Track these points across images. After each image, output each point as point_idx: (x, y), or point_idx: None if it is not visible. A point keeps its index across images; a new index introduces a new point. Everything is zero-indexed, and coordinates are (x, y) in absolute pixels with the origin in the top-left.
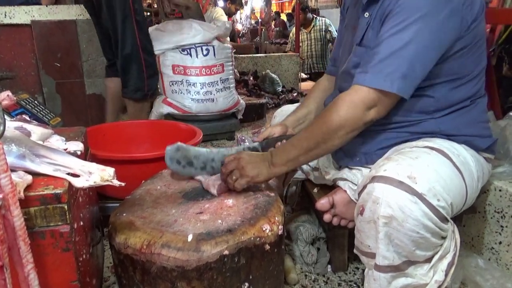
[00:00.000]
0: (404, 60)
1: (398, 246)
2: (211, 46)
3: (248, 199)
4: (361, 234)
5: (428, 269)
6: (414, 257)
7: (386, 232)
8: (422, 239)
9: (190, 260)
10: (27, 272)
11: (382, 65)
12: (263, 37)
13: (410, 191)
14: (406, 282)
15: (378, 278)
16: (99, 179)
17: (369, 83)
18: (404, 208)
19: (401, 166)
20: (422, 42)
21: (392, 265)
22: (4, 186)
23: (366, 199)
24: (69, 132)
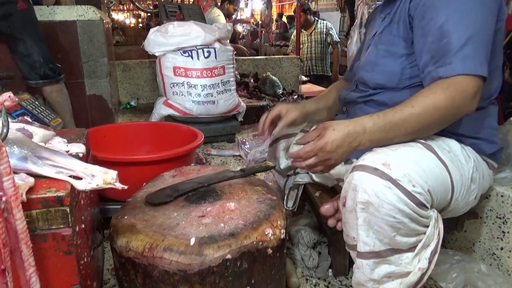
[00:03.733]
0: (481, 43)
1: (378, 232)
2: (213, 48)
3: (250, 203)
4: (346, 226)
5: (412, 257)
6: (396, 244)
7: (364, 218)
8: (400, 224)
9: (193, 264)
10: (29, 276)
11: (465, 51)
12: (263, 39)
13: (384, 176)
14: (389, 270)
15: (361, 265)
16: (101, 182)
17: (462, 70)
18: (379, 193)
19: (378, 155)
20: (485, 24)
21: (374, 251)
22: (7, 188)
23: (347, 189)
24: (70, 134)
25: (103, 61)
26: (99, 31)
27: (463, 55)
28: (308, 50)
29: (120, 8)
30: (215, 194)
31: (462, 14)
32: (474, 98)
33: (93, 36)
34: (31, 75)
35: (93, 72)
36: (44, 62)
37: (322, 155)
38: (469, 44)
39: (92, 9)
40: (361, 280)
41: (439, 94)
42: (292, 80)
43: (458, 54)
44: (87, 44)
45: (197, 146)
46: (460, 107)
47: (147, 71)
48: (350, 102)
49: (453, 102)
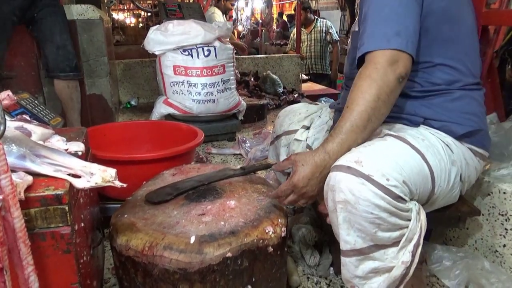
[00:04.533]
0: (392, 19)
1: (359, 230)
2: (213, 47)
3: (251, 201)
4: (332, 226)
5: (397, 251)
6: (379, 240)
7: (344, 217)
8: (379, 220)
9: (193, 263)
10: (27, 275)
11: (371, 30)
12: (263, 38)
13: (357, 173)
14: (373, 266)
15: (345, 263)
16: (100, 180)
17: (369, 47)
18: (353, 191)
19: (351, 154)
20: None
21: (355, 248)
22: (4, 187)
23: (326, 190)
24: (69, 132)
25: (103, 61)
26: (99, 30)
27: (368, 34)
28: (307, 48)
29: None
30: (215, 193)
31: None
32: (392, 65)
33: (93, 36)
34: (62, 66)
35: (93, 72)
36: (75, 55)
37: (297, 191)
38: (377, 24)
39: (91, 8)
40: (347, 277)
41: (358, 81)
42: (293, 79)
43: (369, 32)
44: (87, 44)
45: (197, 145)
46: (382, 78)
47: (147, 70)
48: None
49: (371, 80)
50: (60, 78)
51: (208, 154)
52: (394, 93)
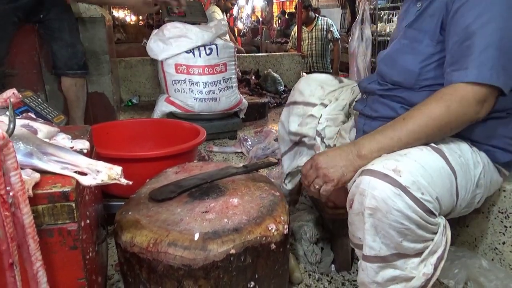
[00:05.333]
0: (502, 51)
1: (385, 237)
2: (214, 45)
3: (254, 198)
4: (352, 226)
5: (418, 263)
6: (403, 249)
7: (372, 223)
8: (408, 231)
9: (197, 259)
10: (36, 270)
11: (483, 58)
12: (264, 36)
13: (394, 183)
14: (394, 274)
15: (365, 268)
16: (106, 178)
17: (476, 78)
18: (387, 200)
19: (388, 161)
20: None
21: (379, 255)
22: (14, 183)
23: (354, 192)
24: (74, 130)
25: (105, 59)
26: (101, 28)
27: (480, 62)
28: (308, 47)
29: None
30: (218, 190)
31: (491, 17)
32: (477, 106)
33: (94, 34)
34: (70, 64)
35: (95, 70)
36: (83, 53)
37: (316, 169)
38: (490, 51)
39: (93, 6)
40: (365, 281)
41: (432, 102)
42: (293, 77)
43: (476, 59)
44: (89, 42)
45: (200, 143)
46: (459, 114)
47: (148, 68)
48: (369, 92)
49: (448, 110)
50: (68, 75)
51: (209, 152)
52: (460, 128)
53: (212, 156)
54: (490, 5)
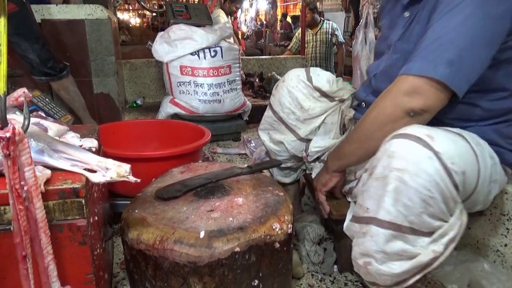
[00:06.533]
0: (451, 45)
1: (406, 206)
2: (219, 47)
3: (258, 198)
4: (364, 194)
5: (428, 242)
6: (419, 224)
7: (395, 186)
8: (432, 200)
9: (202, 256)
10: (47, 263)
11: (426, 51)
12: (268, 39)
13: (427, 146)
14: (403, 247)
15: (376, 233)
16: (115, 175)
17: (411, 70)
18: (418, 162)
19: (421, 128)
20: (473, 29)
21: (395, 222)
22: (28, 178)
23: (379, 157)
24: (82, 129)
25: (110, 60)
26: (107, 30)
27: (423, 55)
28: (313, 49)
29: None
30: (223, 190)
31: (451, 16)
32: (405, 96)
33: (101, 35)
34: (33, 72)
35: (101, 71)
36: (41, 62)
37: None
38: (435, 44)
39: (100, 8)
40: (370, 250)
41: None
42: None
43: (421, 53)
44: (95, 43)
45: (205, 143)
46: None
47: (153, 70)
48: (368, 103)
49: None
50: (43, 81)
51: (213, 154)
52: (396, 123)
53: (216, 158)
54: (456, 8)
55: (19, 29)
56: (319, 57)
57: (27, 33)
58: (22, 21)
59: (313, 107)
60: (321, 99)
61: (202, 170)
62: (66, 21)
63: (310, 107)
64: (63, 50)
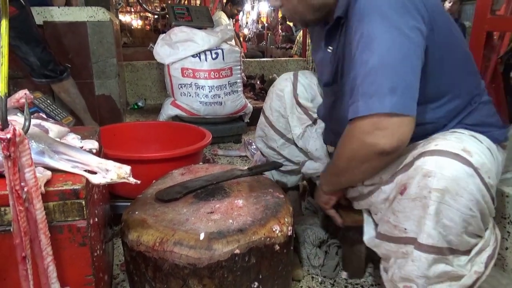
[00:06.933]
0: (383, 71)
1: (445, 227)
2: (220, 50)
3: (258, 200)
4: (399, 216)
5: (466, 261)
6: (457, 243)
7: (437, 208)
8: (472, 219)
9: (202, 258)
10: (47, 264)
11: (363, 88)
12: (269, 41)
13: (466, 163)
14: (445, 269)
15: (418, 258)
16: (115, 177)
17: (358, 112)
18: (460, 181)
19: (452, 142)
20: (397, 46)
21: (436, 246)
22: (28, 179)
23: (412, 176)
24: (83, 131)
25: (112, 62)
26: (109, 32)
27: (362, 92)
28: None
29: (127, 10)
30: (223, 192)
31: (370, 41)
32: (369, 137)
33: (102, 37)
34: (33, 74)
35: (102, 73)
36: (41, 65)
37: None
38: (370, 77)
39: (102, 10)
40: (412, 275)
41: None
42: None
43: (359, 90)
44: (96, 45)
45: (206, 145)
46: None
47: (154, 72)
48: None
49: (350, 151)
50: (43, 83)
51: (214, 156)
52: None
53: (217, 160)
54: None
55: (19, 33)
56: None
57: (27, 36)
58: (22, 24)
59: (292, 115)
60: (298, 109)
61: (203, 172)
62: (68, 23)
63: (290, 114)
64: (65, 52)
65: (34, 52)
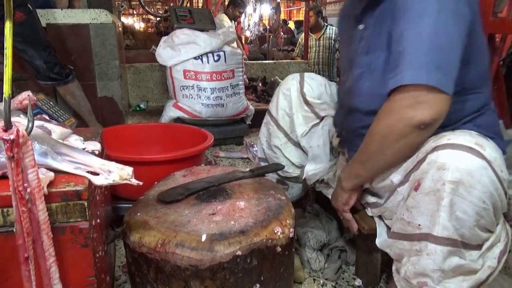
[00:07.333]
0: (432, 48)
1: (458, 219)
2: (222, 52)
3: (260, 202)
4: (412, 211)
5: (477, 256)
6: (469, 237)
7: (451, 200)
8: (485, 212)
9: (204, 260)
10: (49, 265)
11: (411, 58)
12: (271, 44)
13: (480, 156)
14: (459, 263)
15: (433, 251)
16: (118, 178)
17: (403, 80)
18: (473, 173)
19: (465, 136)
20: (448, 28)
21: (452, 238)
22: (31, 180)
23: (426, 170)
24: (86, 133)
25: (114, 64)
26: (111, 34)
27: (410, 63)
28: (315, 54)
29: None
30: (225, 193)
31: (421, 18)
32: (411, 110)
33: (105, 39)
34: (39, 77)
35: (105, 75)
36: (48, 68)
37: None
38: (419, 51)
39: (104, 12)
40: (428, 269)
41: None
42: None
43: (405, 62)
44: (99, 47)
45: (208, 147)
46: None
47: (156, 74)
48: (350, 130)
49: (387, 121)
50: (49, 86)
51: (216, 158)
52: (408, 139)
53: (219, 161)
54: (423, 8)
55: (27, 37)
56: (321, 62)
57: (34, 40)
58: (29, 29)
59: (297, 114)
60: (304, 107)
61: (205, 174)
62: (71, 25)
63: (296, 112)
64: (67, 54)
65: (40, 56)
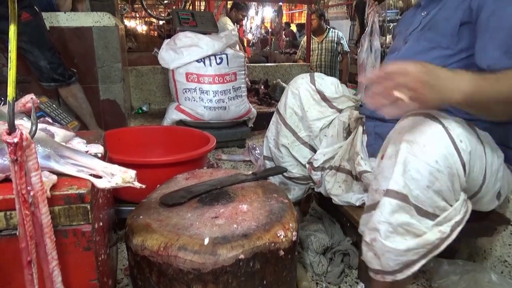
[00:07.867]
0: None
1: (412, 180)
2: (225, 55)
3: (262, 205)
4: (379, 177)
5: (432, 225)
6: (424, 200)
7: (405, 158)
8: (439, 174)
9: (206, 263)
10: (52, 269)
11: None
12: (273, 46)
13: (437, 121)
14: (408, 221)
15: (383, 204)
16: (121, 181)
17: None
18: (428, 134)
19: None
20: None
21: (402, 192)
22: (35, 183)
23: (390, 137)
24: (89, 135)
25: (117, 67)
26: (114, 37)
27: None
28: (318, 57)
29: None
30: (227, 196)
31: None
32: None
33: (108, 42)
34: (42, 79)
35: (107, 77)
36: (51, 68)
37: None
38: None
39: (107, 15)
40: (376, 221)
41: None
42: None
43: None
44: (102, 50)
45: (210, 150)
46: None
47: (159, 77)
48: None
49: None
50: (50, 86)
51: (218, 161)
52: None
53: (221, 164)
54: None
55: (33, 37)
56: (324, 65)
57: (39, 41)
58: (35, 29)
59: (311, 110)
60: (321, 103)
61: (207, 177)
62: (74, 28)
63: (309, 109)
64: (70, 57)
65: (45, 56)
